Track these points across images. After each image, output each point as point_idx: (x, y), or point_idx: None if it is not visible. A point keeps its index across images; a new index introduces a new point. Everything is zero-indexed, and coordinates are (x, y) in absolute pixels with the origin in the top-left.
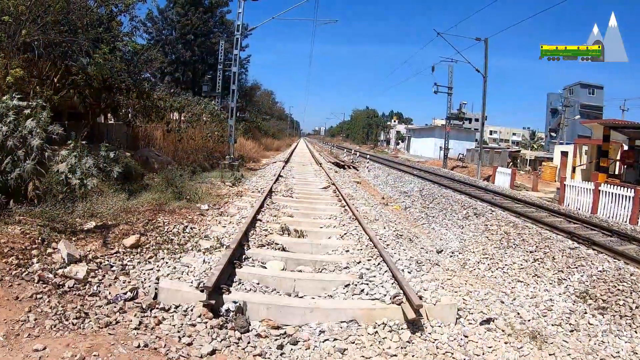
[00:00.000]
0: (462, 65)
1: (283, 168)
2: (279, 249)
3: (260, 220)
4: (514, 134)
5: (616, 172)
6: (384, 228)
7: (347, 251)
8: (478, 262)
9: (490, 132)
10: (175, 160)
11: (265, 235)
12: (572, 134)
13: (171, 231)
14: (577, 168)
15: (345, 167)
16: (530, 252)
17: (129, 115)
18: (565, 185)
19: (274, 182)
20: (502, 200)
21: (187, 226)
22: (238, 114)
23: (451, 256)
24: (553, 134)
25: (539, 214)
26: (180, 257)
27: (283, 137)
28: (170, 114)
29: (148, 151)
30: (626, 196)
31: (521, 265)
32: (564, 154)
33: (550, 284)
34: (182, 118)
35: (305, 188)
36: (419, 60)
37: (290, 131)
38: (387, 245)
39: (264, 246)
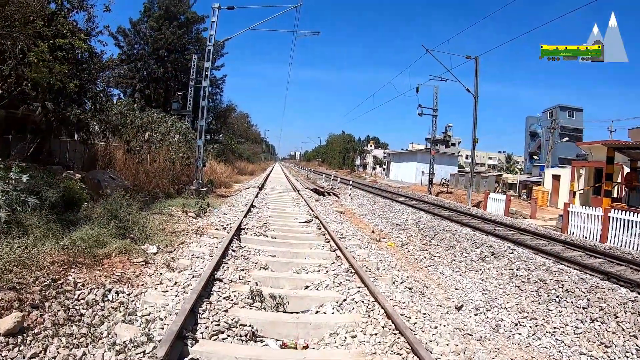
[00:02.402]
0: (443, 87)
1: (257, 196)
2: (245, 336)
3: (221, 281)
4: (489, 157)
5: (615, 196)
6: (393, 283)
7: (355, 337)
8: (516, 325)
9: (467, 157)
10: (136, 184)
11: (226, 311)
12: (552, 157)
13: (84, 299)
14: (577, 192)
15: (325, 194)
16: (583, 308)
17: (82, 131)
18: (568, 211)
19: (245, 216)
20: (506, 231)
21: (110, 289)
22: (212, 136)
23: (476, 314)
24: (535, 157)
25: (555, 248)
26: (83, 356)
27: (258, 161)
28: (134, 132)
29: (102, 173)
30: None
31: (576, 327)
32: (556, 178)
33: (627, 357)
34: (145, 137)
35: (282, 222)
36: (399, 84)
37: (266, 155)
38: (414, 324)
39: (222, 333)
